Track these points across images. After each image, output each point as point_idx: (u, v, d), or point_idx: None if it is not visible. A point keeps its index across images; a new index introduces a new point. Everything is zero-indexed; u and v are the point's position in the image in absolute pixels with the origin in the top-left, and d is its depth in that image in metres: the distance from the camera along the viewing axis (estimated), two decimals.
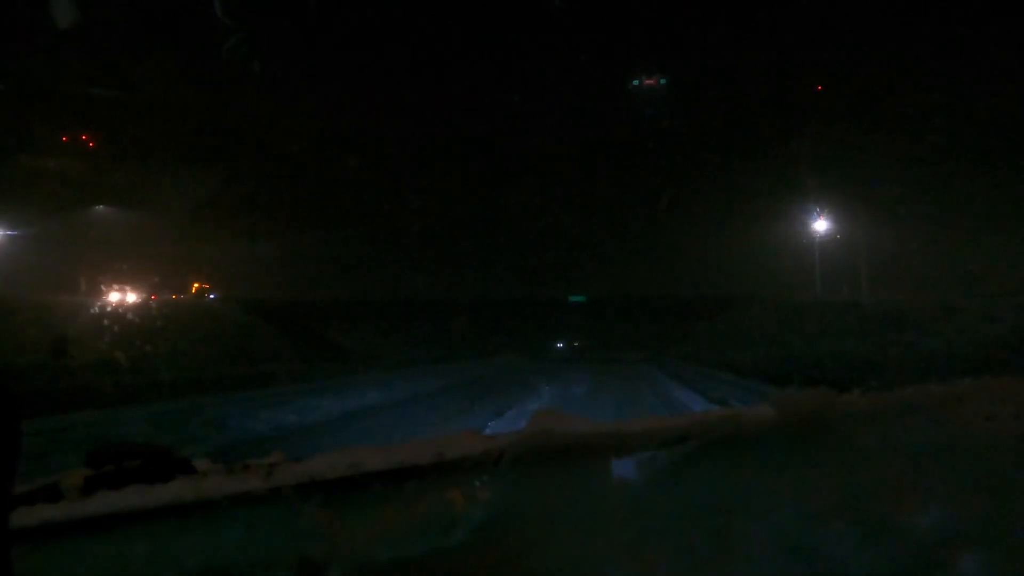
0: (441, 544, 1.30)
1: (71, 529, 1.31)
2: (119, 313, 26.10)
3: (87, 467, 1.59)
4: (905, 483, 1.21)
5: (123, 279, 31.77)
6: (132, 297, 31.10)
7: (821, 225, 39.45)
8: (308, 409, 15.58)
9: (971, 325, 18.88)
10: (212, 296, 39.73)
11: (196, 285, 40.44)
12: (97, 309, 25.72)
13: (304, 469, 1.46)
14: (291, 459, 1.69)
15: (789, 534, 1.21)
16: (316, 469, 1.45)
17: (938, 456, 1.22)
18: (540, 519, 1.31)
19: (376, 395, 19.66)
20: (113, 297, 30.36)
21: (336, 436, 12.54)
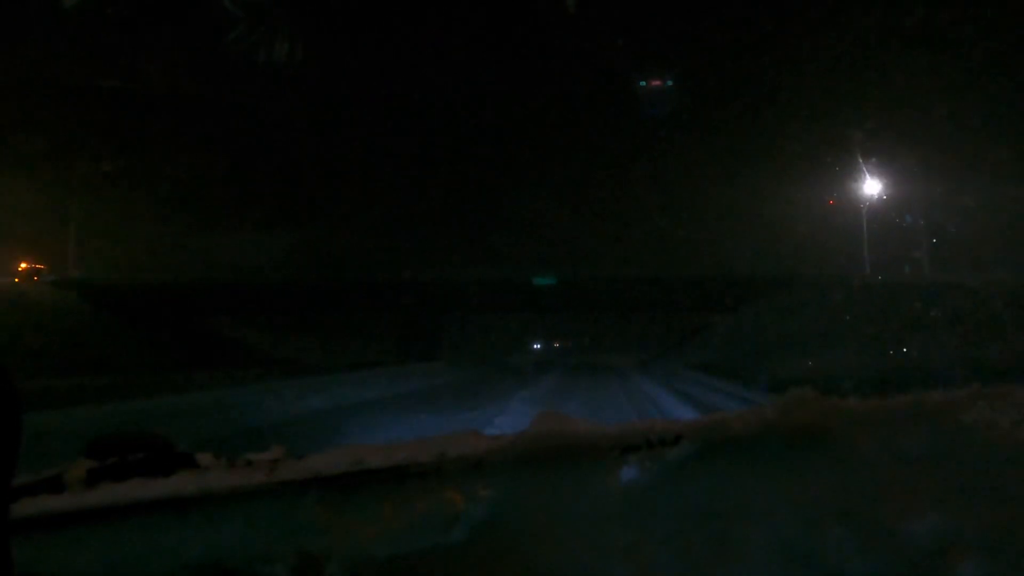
0: (440, 542, 1.31)
1: (70, 520, 1.31)
2: None
3: (88, 458, 1.58)
4: (904, 489, 1.23)
5: None
6: None
7: (872, 187, 31.02)
8: None
9: None
10: (44, 279, 31.11)
11: (25, 265, 32.52)
12: None
13: (305, 465, 1.47)
14: (292, 455, 1.69)
15: (788, 538, 1.23)
16: (317, 466, 1.46)
17: (937, 463, 1.24)
18: (540, 519, 1.32)
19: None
20: None
21: None
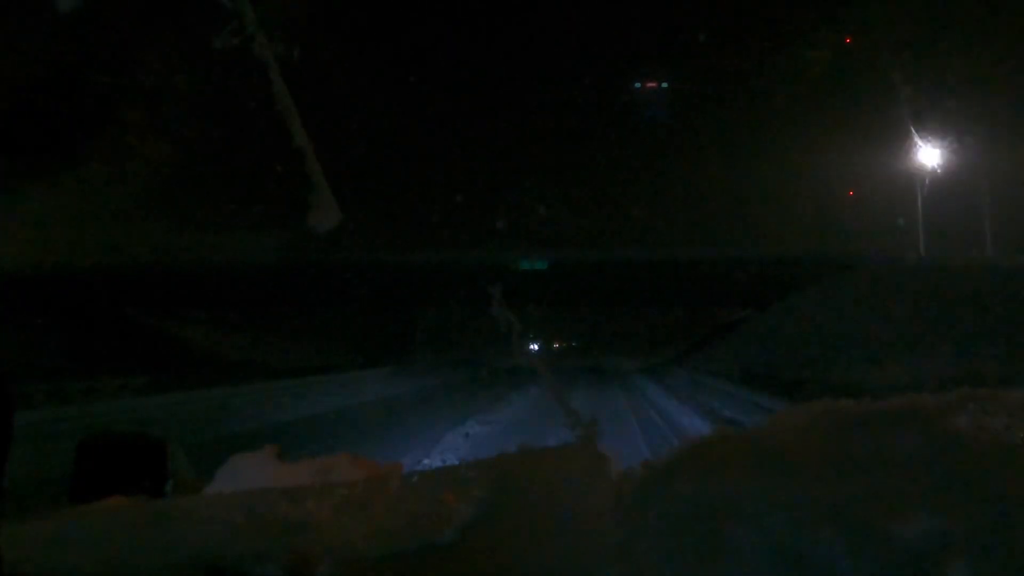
0: (432, 541, 1.31)
1: (58, 517, 1.30)
2: None
3: (79, 457, 1.58)
4: (895, 491, 1.24)
5: None
6: None
7: (930, 156, 26.44)
8: None
9: None
10: None
11: None
12: None
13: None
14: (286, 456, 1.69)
15: (778, 539, 1.23)
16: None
17: (928, 465, 1.25)
18: (531, 519, 1.32)
19: None
20: None
21: None
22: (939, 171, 27.05)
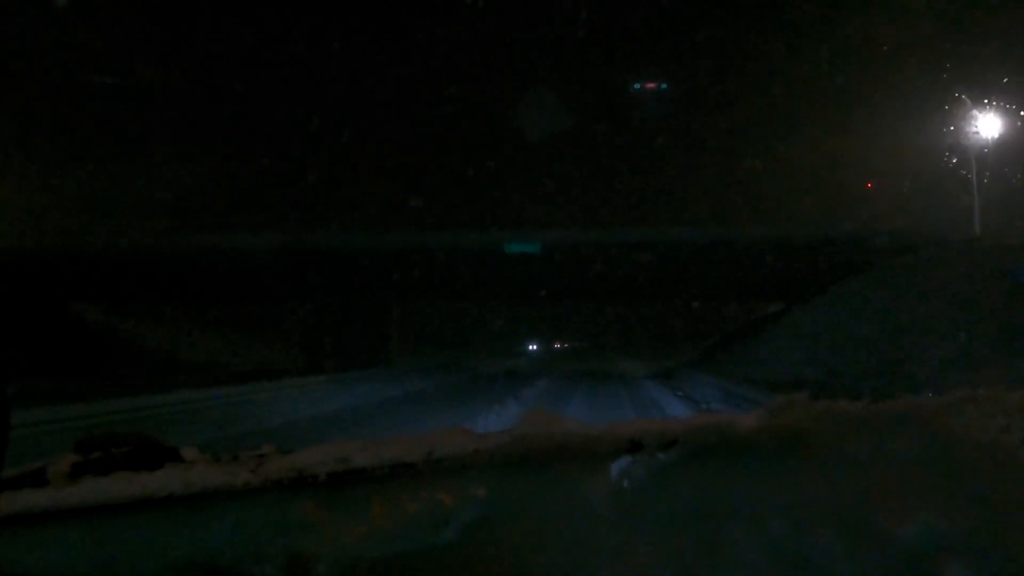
0: (431, 542, 1.31)
1: (55, 517, 1.29)
2: None
3: (76, 454, 1.57)
4: (894, 492, 1.24)
5: None
6: None
7: (989, 126, 24.82)
8: None
9: None
10: None
11: None
12: None
13: (292, 463, 1.45)
14: (280, 452, 1.68)
15: (778, 541, 1.24)
16: (304, 463, 1.45)
17: (927, 466, 1.26)
18: (530, 519, 1.32)
19: None
20: None
21: None
22: (994, 147, 25.51)
